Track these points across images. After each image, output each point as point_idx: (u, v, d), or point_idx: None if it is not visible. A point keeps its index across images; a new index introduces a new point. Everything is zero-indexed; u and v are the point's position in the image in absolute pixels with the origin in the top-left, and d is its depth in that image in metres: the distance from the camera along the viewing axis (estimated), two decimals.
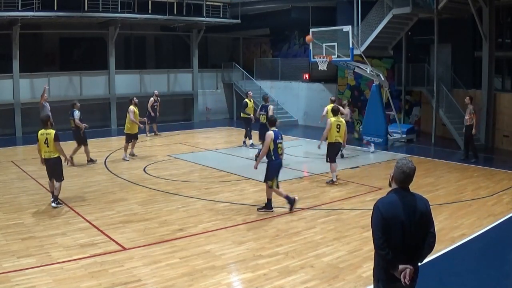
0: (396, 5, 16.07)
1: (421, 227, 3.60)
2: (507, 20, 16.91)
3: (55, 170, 8.80)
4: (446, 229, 7.60)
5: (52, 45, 21.64)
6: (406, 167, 3.63)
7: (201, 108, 24.15)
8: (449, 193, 10.00)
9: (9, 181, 11.05)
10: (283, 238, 7.29)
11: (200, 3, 21.80)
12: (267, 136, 8.30)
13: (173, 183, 10.80)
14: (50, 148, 8.64)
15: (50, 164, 8.78)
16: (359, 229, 7.66)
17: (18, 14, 17.19)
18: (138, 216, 8.32)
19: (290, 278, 5.84)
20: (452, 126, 16.10)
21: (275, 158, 8.35)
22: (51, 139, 8.60)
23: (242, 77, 24.31)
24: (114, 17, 19.38)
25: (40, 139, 8.66)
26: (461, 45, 17.65)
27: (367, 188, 10.40)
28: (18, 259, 6.29)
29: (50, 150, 8.66)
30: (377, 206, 3.61)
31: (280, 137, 8.40)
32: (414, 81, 18.74)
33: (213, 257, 6.49)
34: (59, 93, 19.59)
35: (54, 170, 8.80)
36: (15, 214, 8.32)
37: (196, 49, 23.26)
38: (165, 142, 16.80)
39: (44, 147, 8.65)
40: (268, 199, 8.55)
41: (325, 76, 20.38)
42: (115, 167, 12.59)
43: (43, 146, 8.65)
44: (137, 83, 21.88)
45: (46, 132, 8.68)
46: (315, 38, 16.19)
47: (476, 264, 6.64)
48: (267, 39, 25.82)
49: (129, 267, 6.10)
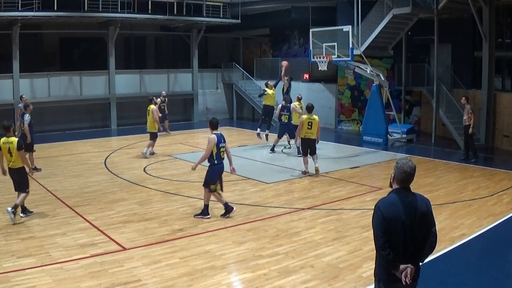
0: (396, 5, 16.07)
1: (422, 227, 3.60)
2: (507, 20, 16.90)
3: (21, 181, 8.11)
4: (446, 229, 7.60)
5: (52, 45, 21.63)
6: (407, 166, 3.61)
7: (201, 108, 24.14)
8: (449, 193, 10.00)
9: (9, 181, 10.97)
10: (283, 238, 7.29)
11: (200, 3, 21.80)
12: (210, 140, 8.04)
13: (173, 183, 10.80)
14: (14, 158, 7.96)
15: (14, 174, 8.08)
16: (359, 229, 7.66)
17: (18, 14, 17.19)
18: (138, 216, 8.32)
19: (290, 278, 5.85)
20: (452, 126, 16.10)
21: (218, 162, 8.12)
22: (13, 148, 7.89)
23: (242, 77, 24.32)
24: (114, 17, 19.37)
25: (2, 148, 7.97)
26: (461, 45, 17.65)
27: (367, 188, 10.40)
28: (18, 259, 6.29)
29: (14, 160, 7.97)
30: (378, 207, 3.61)
31: (222, 140, 8.15)
32: (414, 81, 18.75)
33: (213, 257, 6.49)
34: (59, 93, 19.61)
35: (21, 180, 8.10)
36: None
37: (196, 49, 23.26)
38: (165, 142, 16.80)
39: (8, 156, 7.98)
40: (205, 205, 8.28)
41: (325, 76, 20.38)
42: (115, 167, 12.59)
43: (6, 155, 7.99)
44: (137, 83, 21.88)
45: (8, 140, 7.96)
46: (315, 38, 16.20)
47: (476, 264, 6.64)
48: (267, 39, 25.82)
49: (129, 267, 6.11)
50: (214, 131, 8.19)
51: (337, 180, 11.15)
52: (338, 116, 20.82)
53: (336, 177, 11.43)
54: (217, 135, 8.11)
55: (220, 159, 8.14)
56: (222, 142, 8.15)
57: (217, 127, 8.27)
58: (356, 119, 20.35)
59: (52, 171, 12.02)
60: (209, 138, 8.08)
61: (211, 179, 8.20)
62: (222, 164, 8.23)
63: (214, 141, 8.02)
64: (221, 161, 8.21)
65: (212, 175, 8.20)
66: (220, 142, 8.10)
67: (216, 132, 8.17)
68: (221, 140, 8.14)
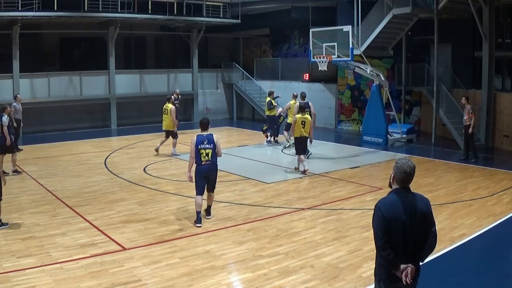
0: (396, 5, 16.07)
1: (422, 227, 3.60)
2: (507, 20, 16.90)
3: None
4: (446, 229, 7.60)
5: (52, 45, 21.63)
6: (407, 166, 3.61)
7: (201, 108, 24.14)
8: (449, 193, 10.00)
9: (9, 181, 11.03)
10: (283, 238, 7.29)
11: (200, 3, 21.80)
12: (191, 141, 7.84)
13: (173, 183, 10.80)
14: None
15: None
16: (359, 229, 7.66)
17: (18, 14, 17.19)
18: (138, 216, 8.32)
19: (290, 278, 5.84)
20: (452, 126, 16.10)
21: (198, 164, 7.83)
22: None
23: (242, 77, 24.32)
24: (114, 17, 19.37)
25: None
26: (461, 45, 17.64)
27: (367, 188, 10.40)
28: (18, 259, 6.29)
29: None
30: (378, 207, 3.60)
31: (206, 141, 7.80)
32: (414, 81, 18.74)
33: (213, 257, 6.49)
34: (59, 93, 19.61)
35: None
36: (15, 214, 8.30)
37: (196, 49, 23.26)
38: (165, 142, 16.79)
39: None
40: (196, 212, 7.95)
41: (325, 76, 20.38)
42: (115, 167, 12.59)
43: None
44: (137, 83, 21.87)
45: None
46: (315, 38, 16.20)
47: (476, 264, 6.64)
48: (267, 39, 25.83)
49: (129, 267, 6.10)
50: (202, 131, 7.93)
51: (337, 180, 11.15)
52: (338, 116, 20.82)
53: (336, 177, 11.43)
54: (199, 136, 7.83)
55: (200, 161, 7.81)
56: (205, 143, 7.78)
57: (207, 127, 7.95)
58: (356, 119, 20.34)
59: (52, 171, 12.01)
60: (191, 139, 7.88)
61: (196, 182, 7.93)
62: (204, 166, 7.82)
63: (193, 142, 7.79)
64: (201, 162, 7.80)
65: (195, 177, 7.93)
66: (201, 143, 7.78)
67: (202, 133, 7.89)
68: (203, 141, 7.80)
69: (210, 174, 7.94)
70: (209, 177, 7.95)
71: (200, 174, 7.87)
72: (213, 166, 7.94)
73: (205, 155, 7.79)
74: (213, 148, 7.84)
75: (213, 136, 7.88)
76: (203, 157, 7.80)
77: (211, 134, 7.89)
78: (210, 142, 7.81)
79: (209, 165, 7.86)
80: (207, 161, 7.82)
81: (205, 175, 7.89)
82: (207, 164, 7.84)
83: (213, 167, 7.95)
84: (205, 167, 7.84)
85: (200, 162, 7.82)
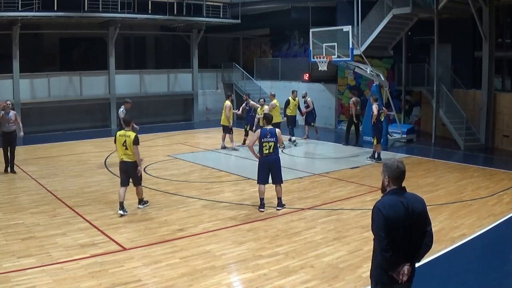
0: (396, 5, 16.07)
1: (419, 226, 3.60)
2: (507, 20, 16.90)
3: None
4: (446, 229, 7.60)
5: (52, 45, 21.64)
6: (398, 162, 3.64)
7: (201, 108, 24.15)
8: (449, 193, 10.00)
9: (9, 181, 11.05)
10: (283, 238, 7.29)
11: (200, 3, 21.80)
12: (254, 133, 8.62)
13: (173, 183, 10.81)
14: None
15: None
16: (359, 229, 7.66)
17: (18, 14, 17.19)
18: (138, 216, 8.33)
19: (290, 278, 5.84)
20: (452, 126, 16.09)
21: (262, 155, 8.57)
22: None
23: (242, 77, 24.31)
24: (114, 17, 19.37)
25: None
26: (461, 45, 17.65)
27: (367, 188, 10.41)
28: (18, 259, 6.29)
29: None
30: (378, 209, 3.56)
31: (269, 135, 8.47)
32: (414, 81, 18.74)
33: (213, 257, 6.49)
34: (59, 93, 19.61)
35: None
36: (15, 214, 8.31)
37: (196, 49, 23.26)
38: (165, 142, 16.81)
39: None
40: None
41: (325, 76, 20.38)
42: (116, 167, 12.56)
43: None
44: (137, 83, 21.88)
45: None
46: (315, 38, 16.19)
47: (476, 264, 6.64)
48: (267, 39, 25.82)
49: (129, 267, 6.11)
50: (266, 125, 8.57)
51: (337, 180, 11.15)
52: (338, 116, 20.81)
53: (336, 177, 11.44)
54: (263, 129, 8.51)
55: (262, 153, 8.50)
56: (268, 137, 8.41)
57: (270, 122, 8.69)
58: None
59: (52, 171, 12.02)
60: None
61: (259, 172, 8.63)
62: (267, 158, 8.51)
63: (257, 135, 8.50)
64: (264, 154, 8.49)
65: (259, 167, 8.63)
66: (265, 137, 8.41)
67: (266, 127, 8.54)
68: (266, 134, 8.43)
69: (273, 165, 8.61)
70: (273, 167, 8.61)
71: (264, 165, 8.59)
72: (276, 157, 8.63)
73: (268, 147, 8.48)
74: (275, 141, 8.54)
75: (275, 130, 8.55)
76: (265, 150, 8.49)
77: (273, 129, 8.57)
78: (272, 135, 8.48)
79: (272, 156, 8.55)
80: (269, 153, 8.51)
81: (269, 165, 8.57)
82: (269, 156, 8.52)
83: (276, 158, 8.63)
84: (269, 158, 8.54)
85: (263, 154, 8.53)
